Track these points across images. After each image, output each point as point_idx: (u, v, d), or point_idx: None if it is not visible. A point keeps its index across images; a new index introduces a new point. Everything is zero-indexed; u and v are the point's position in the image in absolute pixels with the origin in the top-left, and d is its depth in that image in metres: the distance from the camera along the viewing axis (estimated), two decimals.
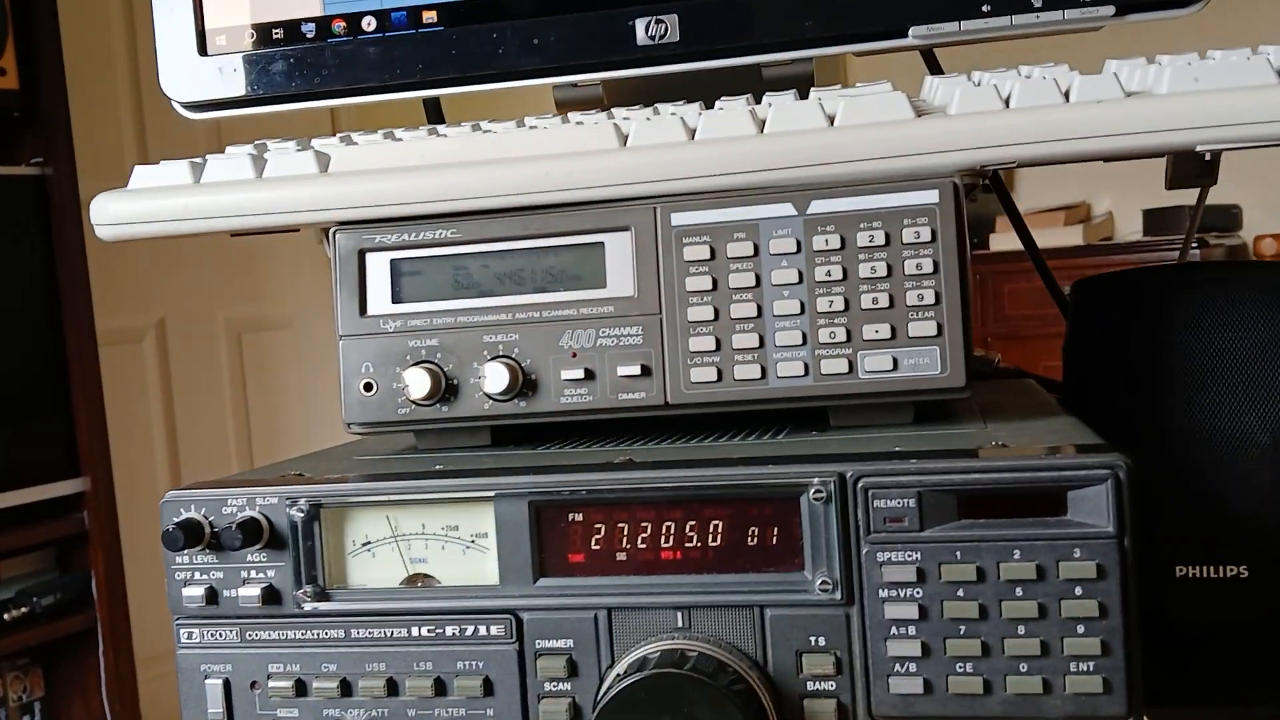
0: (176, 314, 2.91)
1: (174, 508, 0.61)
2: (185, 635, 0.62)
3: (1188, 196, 0.87)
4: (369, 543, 0.61)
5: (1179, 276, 0.75)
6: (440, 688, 0.60)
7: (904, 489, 0.55)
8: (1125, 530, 0.53)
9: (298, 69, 0.82)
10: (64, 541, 2.34)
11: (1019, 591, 0.53)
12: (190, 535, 0.60)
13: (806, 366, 0.63)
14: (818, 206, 0.63)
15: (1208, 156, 0.84)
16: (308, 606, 0.61)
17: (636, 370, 0.65)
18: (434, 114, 0.94)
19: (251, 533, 0.60)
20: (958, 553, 0.54)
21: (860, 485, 0.55)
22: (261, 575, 0.61)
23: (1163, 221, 3.50)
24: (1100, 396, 0.75)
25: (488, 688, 0.59)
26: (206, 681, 0.62)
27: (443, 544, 0.61)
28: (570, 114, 0.73)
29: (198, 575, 0.62)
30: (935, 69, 0.93)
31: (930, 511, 0.54)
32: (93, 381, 2.38)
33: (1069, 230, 3.47)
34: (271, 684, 0.61)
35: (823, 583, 0.56)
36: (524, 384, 0.66)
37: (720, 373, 0.64)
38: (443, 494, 0.60)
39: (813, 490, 0.56)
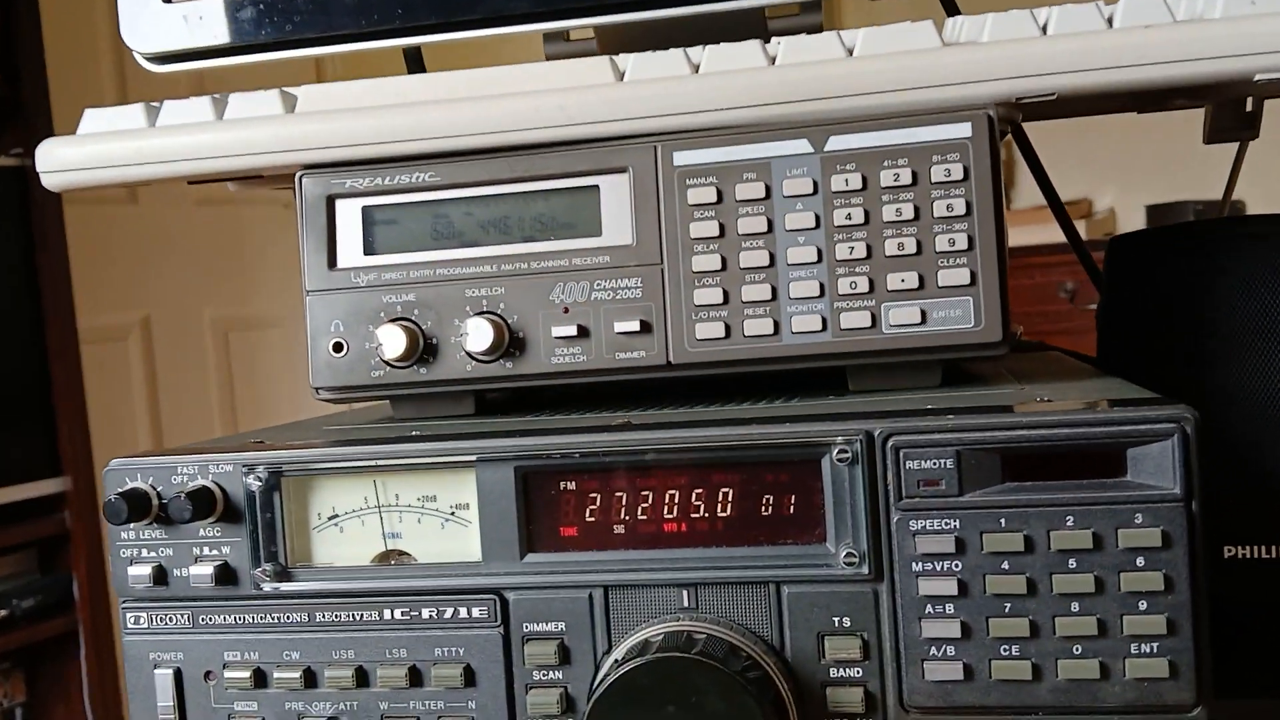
0: (162, 312, 2.84)
1: (118, 477, 0.55)
2: (131, 620, 0.56)
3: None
4: (336, 516, 0.55)
5: (1229, 231, 0.69)
6: (416, 677, 0.53)
7: (940, 448, 0.48)
8: (1193, 492, 0.46)
9: (268, 15, 0.76)
10: (45, 543, 2.27)
11: (1072, 563, 0.47)
12: (135, 507, 0.53)
13: (824, 321, 0.57)
14: (836, 143, 0.57)
15: (1248, 107, 0.78)
16: (267, 587, 0.54)
17: (635, 326, 0.58)
18: (415, 66, 0.87)
19: (203, 503, 0.53)
20: (1002, 520, 0.47)
21: (890, 444, 0.49)
22: (215, 552, 0.54)
23: (1165, 217, 3.44)
24: (1139, 362, 0.69)
25: (469, 677, 0.53)
26: (155, 671, 0.55)
27: (419, 516, 0.54)
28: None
29: (144, 552, 0.55)
30: (953, 10, 0.87)
31: (970, 473, 0.48)
32: (74, 379, 2.31)
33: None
34: (227, 674, 0.55)
35: (848, 555, 0.49)
36: (510, 343, 0.59)
37: (728, 328, 0.58)
38: (418, 459, 0.53)
39: (836, 451, 0.49)
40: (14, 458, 2.21)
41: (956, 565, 0.48)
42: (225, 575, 0.54)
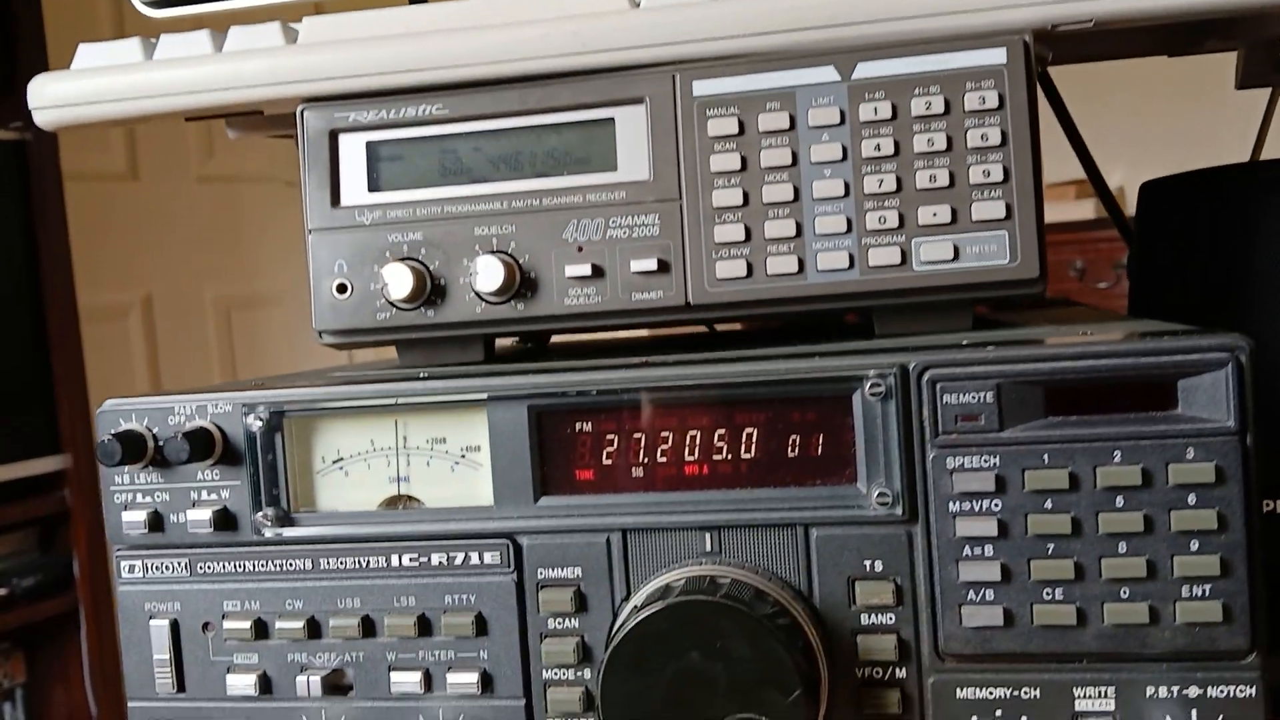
0: (163, 290, 2.82)
1: (112, 418, 0.52)
2: (126, 569, 0.53)
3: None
4: (340, 459, 0.52)
5: (1269, 172, 0.66)
6: (425, 626, 0.51)
7: (980, 381, 0.46)
8: (1248, 425, 0.44)
9: None
10: (45, 521, 2.25)
11: (1119, 501, 0.44)
12: (130, 449, 0.51)
13: (851, 258, 0.54)
14: (865, 70, 0.54)
15: None
16: (268, 533, 0.52)
17: (652, 265, 0.56)
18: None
19: (201, 445, 0.51)
20: (1045, 456, 0.45)
21: (927, 378, 0.46)
22: (214, 496, 0.52)
23: None
24: (1172, 309, 0.66)
25: (480, 625, 0.50)
26: (151, 623, 0.53)
27: (427, 459, 0.52)
28: None
29: (139, 497, 0.52)
30: None
31: (1012, 407, 0.45)
32: (74, 357, 2.29)
33: (1080, 204, 3.39)
34: (227, 624, 0.52)
35: (880, 496, 0.47)
36: (521, 283, 0.57)
37: (750, 267, 0.55)
38: (427, 398, 0.51)
39: (869, 385, 0.47)
40: (14, 436, 2.19)
41: (996, 504, 0.45)
42: (224, 520, 0.52)
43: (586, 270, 0.56)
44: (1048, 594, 0.45)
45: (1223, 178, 0.67)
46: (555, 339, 0.77)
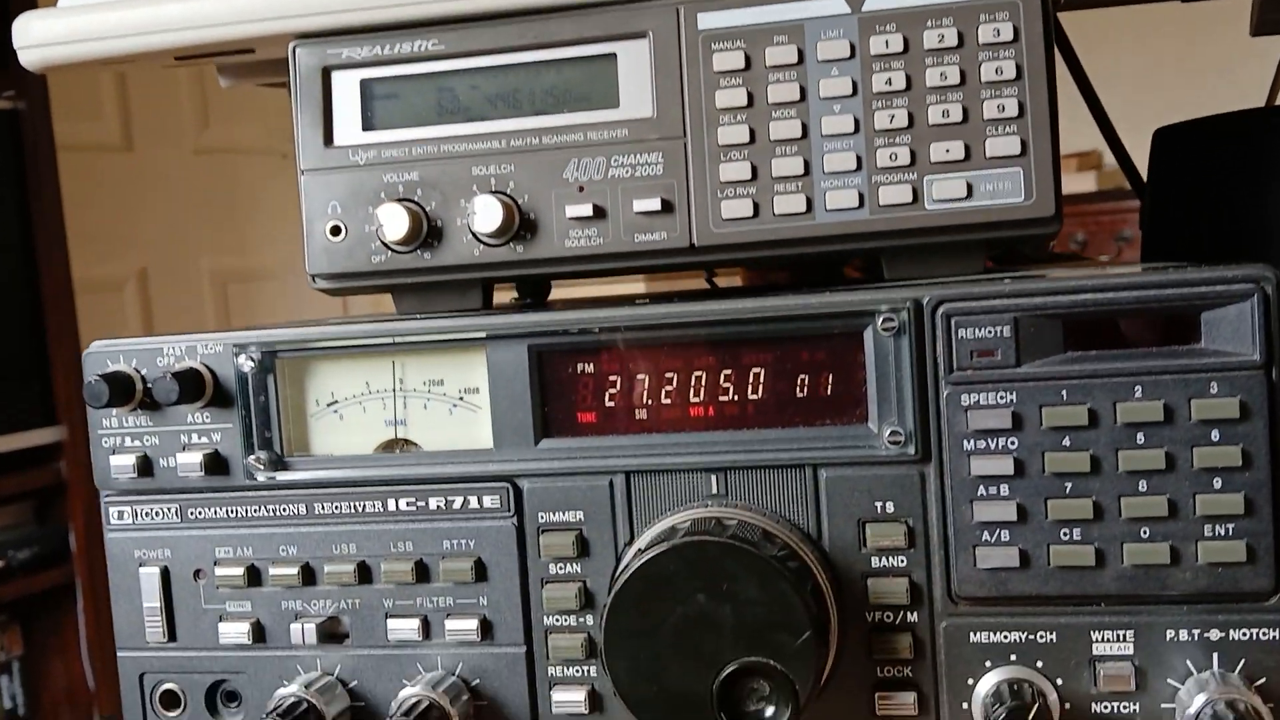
0: (159, 264, 2.80)
1: (99, 359, 0.51)
2: (115, 515, 0.52)
3: None
4: (335, 401, 0.51)
5: None
6: (423, 572, 0.49)
7: (996, 315, 0.44)
8: (1274, 359, 0.42)
9: None
10: (41, 493, 2.24)
11: (1140, 437, 0.43)
12: (118, 390, 0.49)
13: (861, 196, 0.52)
14: (875, 2, 0.52)
15: None
16: (261, 477, 0.50)
17: (656, 205, 0.54)
18: None
19: (191, 385, 0.49)
20: (1063, 391, 0.43)
21: (941, 312, 0.45)
22: (204, 440, 0.50)
23: None
24: (1186, 255, 0.65)
25: (480, 571, 0.49)
26: (141, 570, 0.52)
27: (425, 402, 0.50)
28: None
29: (128, 441, 0.51)
30: None
31: (1029, 342, 0.44)
32: (69, 328, 2.27)
33: (1082, 176, 3.37)
34: (219, 571, 0.51)
35: (892, 434, 0.45)
36: (521, 224, 0.55)
37: (756, 207, 0.53)
38: (424, 337, 0.49)
39: (881, 320, 0.45)
40: (9, 407, 2.17)
41: (1012, 442, 0.44)
42: (215, 464, 0.50)
43: (588, 211, 0.54)
44: (1065, 534, 0.44)
45: (1238, 123, 0.65)
46: (554, 295, 0.75)
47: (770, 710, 0.43)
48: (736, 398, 0.48)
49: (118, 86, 2.70)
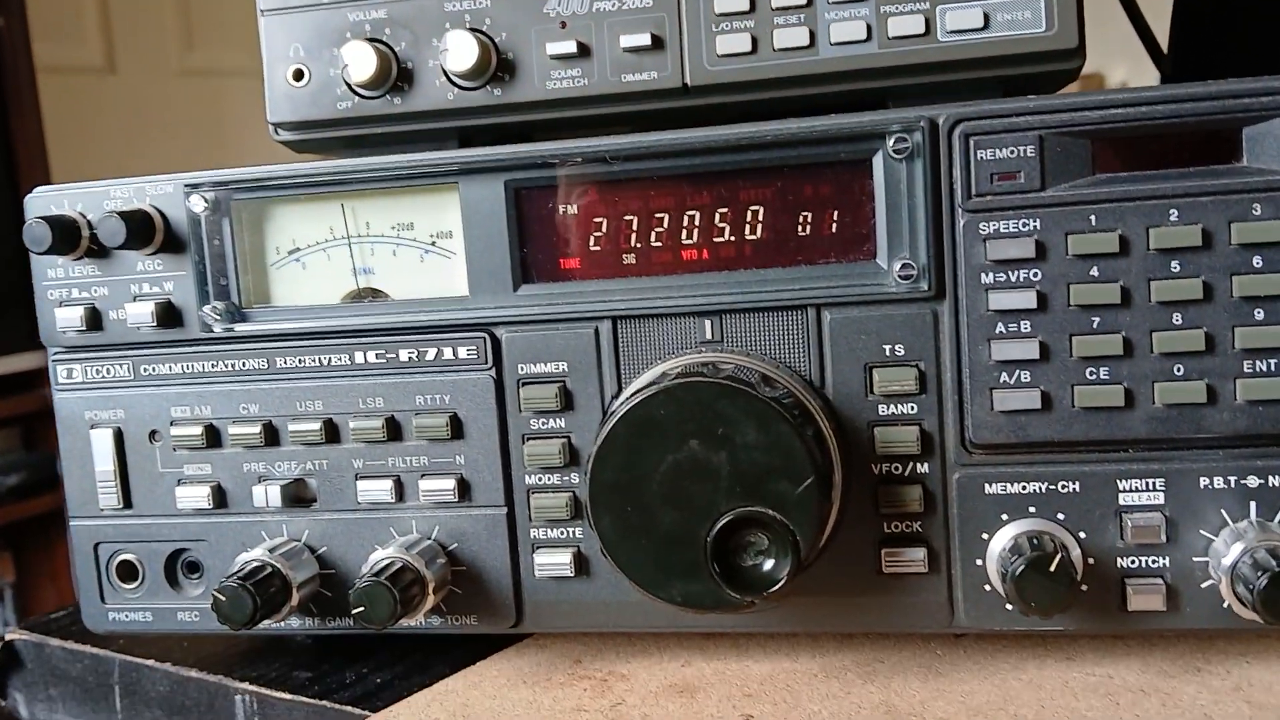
0: None
1: (42, 203, 0.47)
2: (64, 373, 0.48)
3: None
4: (297, 249, 0.47)
5: None
6: (394, 430, 0.46)
7: (1019, 134, 0.40)
8: None
9: None
10: (28, 419, 2.21)
11: (1175, 265, 0.39)
12: (62, 235, 0.45)
13: (869, 29, 0.48)
14: None
15: None
16: (218, 328, 0.46)
17: (645, 41, 0.49)
18: None
19: (139, 227, 0.45)
20: (1092, 217, 0.40)
21: (959, 131, 0.41)
22: (156, 289, 0.47)
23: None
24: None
25: (456, 427, 0.45)
26: (92, 433, 0.48)
27: (394, 248, 0.46)
28: None
29: (75, 292, 0.47)
30: None
31: (1055, 163, 0.40)
32: None
33: None
34: (175, 432, 0.47)
35: (903, 269, 0.42)
36: (498, 65, 0.50)
37: (755, 41, 0.49)
38: (391, 173, 0.45)
39: (892, 142, 0.41)
40: None
41: (1035, 274, 0.40)
42: (168, 316, 0.46)
43: (570, 48, 0.50)
44: (1091, 373, 0.40)
45: None
46: None
47: (769, 564, 0.39)
48: (733, 238, 0.44)
49: (99, 8, 2.63)
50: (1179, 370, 0.39)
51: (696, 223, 0.44)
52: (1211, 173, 0.39)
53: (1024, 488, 0.41)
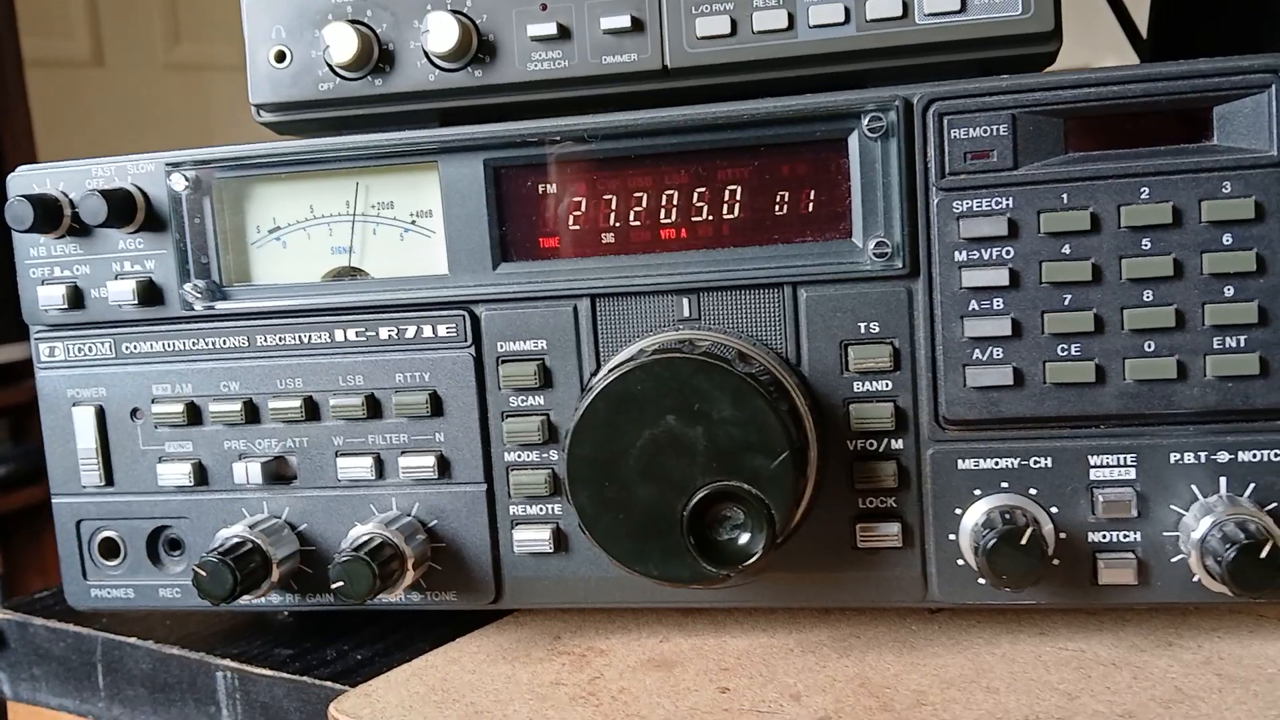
0: None
1: (24, 183, 0.47)
2: (46, 351, 0.48)
3: None
4: (278, 228, 0.47)
5: None
6: (374, 407, 0.46)
7: (993, 113, 0.40)
8: None
9: None
10: (15, 410, 2.20)
11: (1146, 243, 0.40)
12: (44, 214, 0.45)
13: (848, 11, 0.48)
14: None
15: None
16: (199, 306, 0.47)
17: (625, 23, 0.50)
18: None
19: (120, 206, 0.45)
20: (1064, 195, 0.40)
21: (933, 110, 0.41)
22: (138, 267, 0.47)
23: None
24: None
25: (435, 405, 0.46)
26: (74, 410, 0.48)
27: (374, 227, 0.46)
28: None
29: (57, 271, 0.47)
30: None
31: (1028, 141, 0.40)
32: None
33: None
34: (156, 409, 0.47)
35: (878, 247, 0.42)
36: (479, 47, 0.51)
37: (734, 24, 0.49)
38: (371, 152, 0.45)
39: (867, 121, 0.42)
40: None
41: (1008, 252, 0.40)
42: (150, 294, 0.47)
43: (551, 29, 0.50)
44: (1063, 349, 0.40)
45: None
46: None
47: (744, 538, 0.40)
48: (710, 217, 0.44)
49: (87, 1, 2.62)
50: (1149, 347, 0.40)
51: (675, 202, 0.44)
52: (1182, 151, 0.39)
53: (997, 463, 0.42)
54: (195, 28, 2.83)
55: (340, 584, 0.43)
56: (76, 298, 0.47)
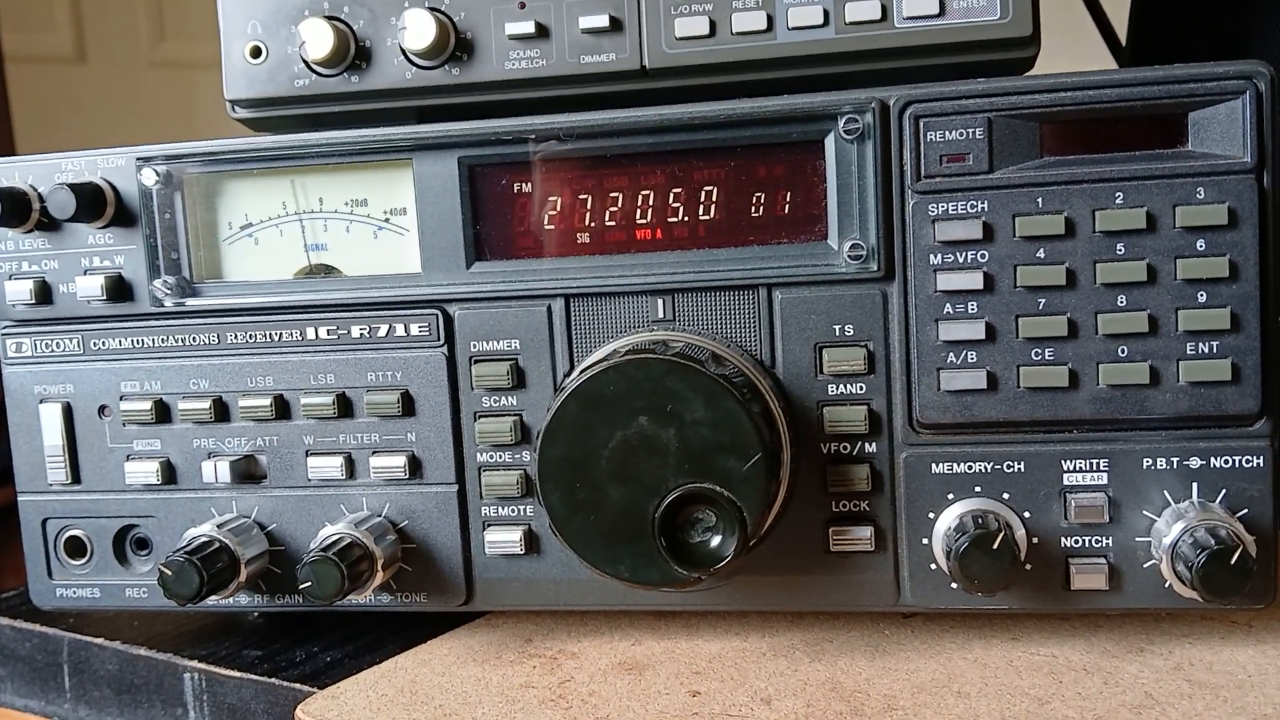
0: None
1: None
2: (13, 347, 0.48)
3: None
4: (250, 224, 0.47)
5: None
6: (345, 406, 0.46)
7: (969, 116, 0.40)
8: (1265, 161, 0.39)
9: None
10: None
11: (1120, 248, 0.40)
12: (12, 207, 0.45)
13: (827, 14, 0.48)
14: None
15: None
16: (169, 302, 0.46)
17: (603, 22, 0.49)
18: None
19: (90, 200, 0.45)
20: (1039, 199, 0.40)
21: (910, 113, 0.41)
22: (107, 263, 0.46)
23: None
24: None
25: (407, 404, 0.45)
26: (41, 407, 0.48)
27: (347, 225, 0.46)
28: None
29: (25, 265, 0.47)
30: None
31: (1003, 145, 0.40)
32: None
33: None
34: (125, 407, 0.47)
35: (853, 249, 0.42)
36: (456, 45, 0.50)
37: (713, 24, 0.49)
38: (345, 148, 0.45)
39: (844, 123, 0.41)
40: None
41: (982, 255, 0.40)
42: (119, 290, 0.46)
43: (529, 28, 0.50)
44: (1036, 354, 0.40)
45: None
46: None
47: (716, 540, 0.39)
48: (686, 218, 0.44)
49: None
50: (1123, 352, 0.40)
51: (650, 202, 0.44)
52: (1157, 157, 0.39)
53: (970, 467, 0.42)
54: (180, 25, 2.81)
55: (308, 585, 0.42)
56: (44, 293, 0.47)
